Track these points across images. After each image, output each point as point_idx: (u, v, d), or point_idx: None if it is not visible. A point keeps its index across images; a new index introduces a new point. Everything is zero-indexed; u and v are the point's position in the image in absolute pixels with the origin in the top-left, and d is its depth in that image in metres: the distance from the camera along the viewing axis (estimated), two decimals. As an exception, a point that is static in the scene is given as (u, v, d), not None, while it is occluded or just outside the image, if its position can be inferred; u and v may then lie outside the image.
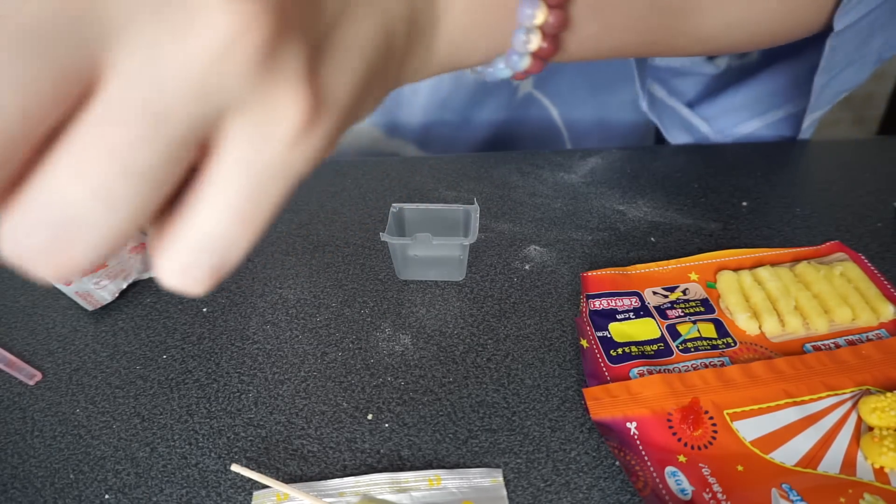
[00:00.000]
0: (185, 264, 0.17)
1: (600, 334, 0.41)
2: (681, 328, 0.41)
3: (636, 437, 0.35)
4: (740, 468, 0.33)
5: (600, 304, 0.43)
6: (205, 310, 0.45)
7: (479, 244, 0.49)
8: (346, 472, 0.35)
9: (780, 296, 0.42)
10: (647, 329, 0.41)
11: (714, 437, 0.34)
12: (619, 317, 0.42)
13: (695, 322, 0.41)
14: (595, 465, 0.35)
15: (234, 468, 0.34)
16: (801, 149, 0.59)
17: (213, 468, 0.35)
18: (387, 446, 0.36)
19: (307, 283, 0.47)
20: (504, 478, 0.34)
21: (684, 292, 0.44)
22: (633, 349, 0.40)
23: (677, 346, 0.40)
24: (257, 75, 0.16)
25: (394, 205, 0.47)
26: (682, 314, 0.42)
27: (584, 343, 0.41)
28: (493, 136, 0.65)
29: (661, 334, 0.41)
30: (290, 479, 0.35)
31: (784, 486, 0.32)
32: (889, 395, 0.35)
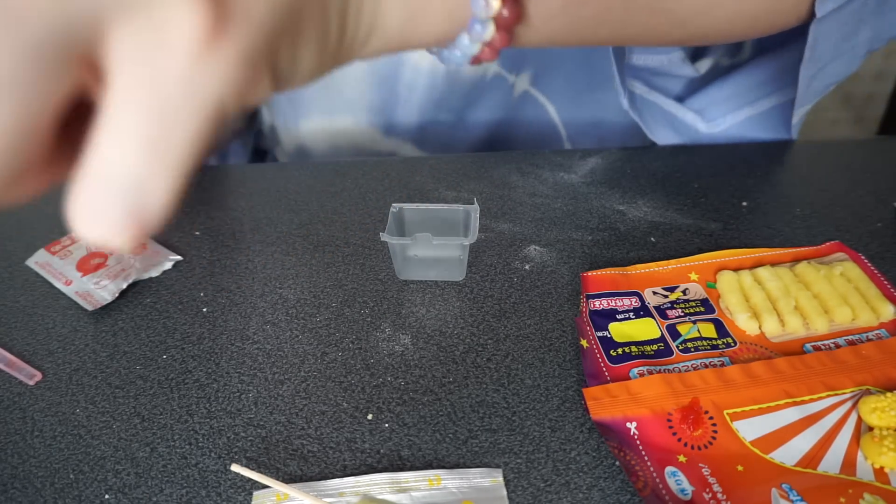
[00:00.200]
0: (98, 209, 0.16)
1: (600, 334, 0.41)
2: (681, 328, 0.41)
3: (636, 437, 0.35)
4: (740, 468, 0.33)
5: (600, 304, 0.43)
6: (205, 310, 0.45)
7: (479, 244, 0.49)
8: (346, 472, 0.35)
9: (780, 296, 0.42)
10: (647, 329, 0.41)
11: (714, 437, 0.34)
12: (619, 317, 0.42)
13: (695, 322, 0.41)
14: (595, 465, 0.35)
15: (234, 468, 0.34)
16: (802, 149, 0.59)
17: (213, 468, 0.35)
18: (387, 446, 0.36)
19: (307, 283, 0.47)
20: (504, 478, 0.34)
21: (684, 292, 0.44)
22: (633, 349, 0.40)
23: (677, 346, 0.40)
24: None
25: (394, 205, 0.47)
26: (682, 314, 0.42)
27: (584, 343, 0.41)
28: (490, 135, 0.65)
29: (661, 334, 0.41)
30: (290, 479, 0.35)
31: (784, 486, 0.32)
32: (889, 395, 0.35)
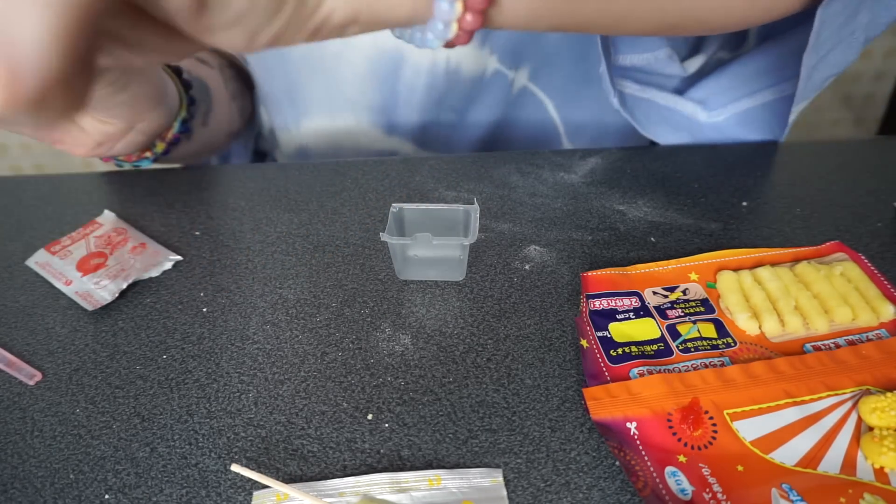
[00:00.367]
0: None
1: (600, 334, 0.41)
2: (681, 328, 0.41)
3: (636, 437, 0.35)
4: (740, 468, 0.33)
5: (600, 304, 0.43)
6: (205, 310, 0.45)
7: (479, 244, 0.49)
8: (346, 472, 0.35)
9: (780, 296, 0.42)
10: (647, 329, 0.41)
11: (714, 437, 0.34)
12: (619, 317, 0.42)
13: (695, 322, 0.41)
14: (595, 465, 0.35)
15: (234, 468, 0.34)
16: (802, 149, 0.59)
17: (213, 468, 0.35)
18: (387, 446, 0.36)
19: (307, 283, 0.47)
20: (504, 478, 0.34)
21: (684, 292, 0.44)
22: (633, 349, 0.40)
23: (677, 346, 0.40)
24: None
25: (394, 205, 0.47)
26: (682, 314, 0.42)
27: (584, 343, 0.41)
28: (491, 132, 0.65)
29: (661, 334, 0.41)
30: (290, 479, 0.35)
31: (784, 486, 0.32)
32: (889, 395, 0.35)
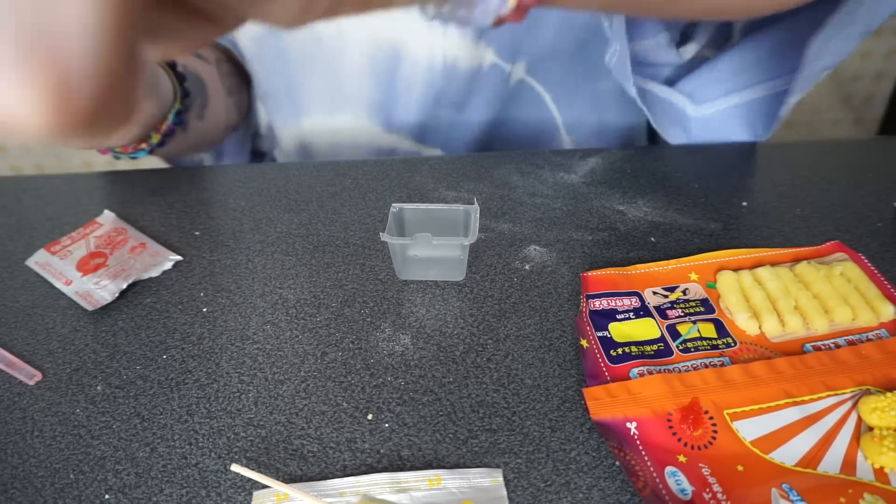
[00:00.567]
0: None
1: (600, 334, 0.41)
2: (681, 328, 0.41)
3: (636, 437, 0.35)
4: (740, 468, 0.33)
5: (600, 304, 0.43)
6: (205, 310, 0.45)
7: (479, 244, 0.49)
8: (346, 472, 0.35)
9: (780, 296, 0.42)
10: (647, 329, 0.41)
11: (714, 437, 0.34)
12: (619, 317, 0.42)
13: (695, 322, 0.41)
14: (595, 465, 0.35)
15: (234, 468, 0.34)
16: (802, 149, 0.59)
17: (213, 468, 0.35)
18: (387, 446, 0.36)
19: (307, 283, 0.47)
20: (504, 478, 0.34)
21: (684, 292, 0.44)
22: (633, 349, 0.40)
23: (677, 346, 0.40)
24: None
25: (394, 205, 0.47)
26: (682, 314, 0.42)
27: (584, 343, 0.41)
28: (490, 127, 0.65)
29: (661, 334, 0.41)
30: (290, 479, 0.35)
31: (784, 486, 0.32)
32: (889, 395, 0.35)
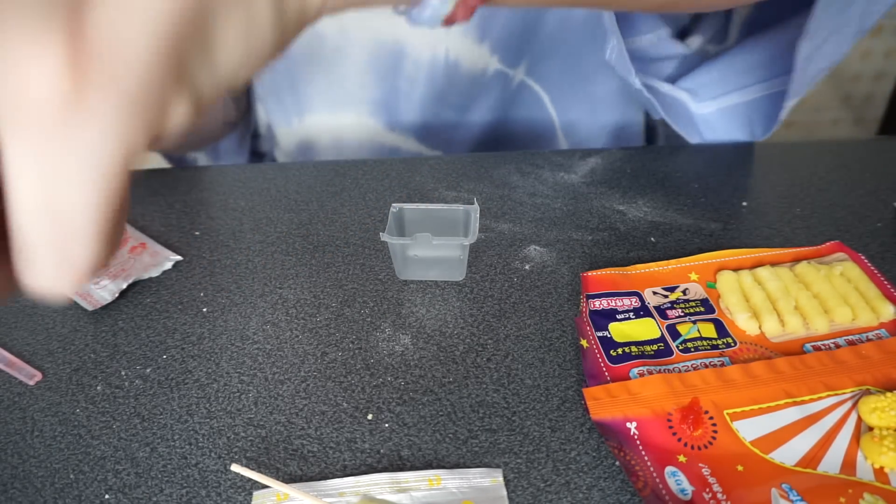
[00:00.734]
0: (30, 269, 0.15)
1: (600, 334, 0.41)
2: (681, 328, 0.41)
3: (636, 437, 0.35)
4: (740, 468, 0.33)
5: (600, 304, 0.43)
6: (205, 310, 0.45)
7: (479, 244, 0.49)
8: (346, 472, 0.35)
9: (780, 296, 0.42)
10: (647, 329, 0.41)
11: (714, 437, 0.34)
12: (619, 317, 0.42)
13: (695, 322, 0.41)
14: (595, 465, 0.35)
15: (234, 468, 0.34)
16: (802, 149, 0.59)
17: (213, 468, 0.35)
18: (387, 446, 0.36)
19: (307, 283, 0.47)
20: (504, 478, 0.34)
21: (684, 292, 0.44)
22: (633, 349, 0.40)
23: (677, 346, 0.40)
24: None
25: (394, 205, 0.47)
26: (682, 314, 0.42)
27: (584, 343, 0.41)
28: (491, 129, 0.66)
29: (661, 334, 0.41)
30: (290, 479, 0.35)
31: (784, 486, 0.32)
32: (889, 395, 0.35)
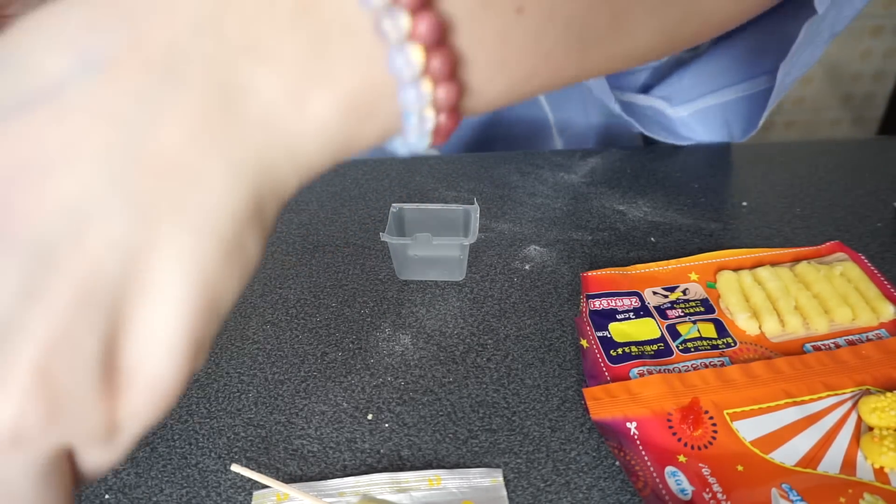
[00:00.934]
0: None
1: (600, 334, 0.41)
2: (681, 328, 0.41)
3: (636, 437, 0.35)
4: (740, 468, 0.33)
5: (600, 304, 0.43)
6: (205, 310, 0.45)
7: (479, 244, 0.49)
8: (346, 472, 0.35)
9: (780, 296, 0.42)
10: (647, 329, 0.41)
11: (714, 437, 0.34)
12: (619, 317, 0.42)
13: (695, 322, 0.41)
14: (595, 465, 0.35)
15: (234, 468, 0.34)
16: (802, 149, 0.59)
17: (213, 468, 0.35)
18: (387, 446, 0.36)
19: (307, 283, 0.47)
20: (504, 478, 0.34)
21: (684, 292, 0.44)
22: (633, 349, 0.40)
23: (677, 346, 0.40)
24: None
25: (394, 205, 0.47)
26: (682, 314, 0.42)
27: (584, 343, 0.41)
28: (485, 126, 0.66)
29: (661, 334, 0.41)
30: (290, 479, 0.35)
31: (784, 486, 0.32)
32: (889, 395, 0.35)
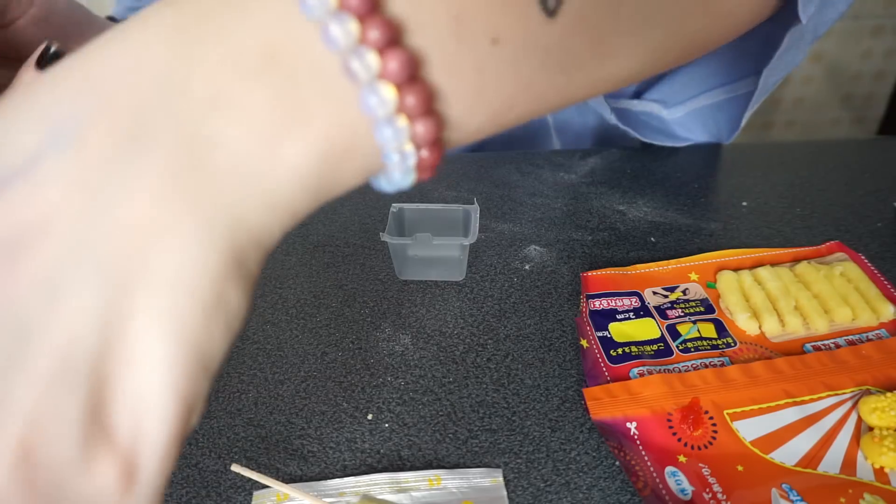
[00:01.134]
0: None
1: (600, 334, 0.41)
2: (681, 328, 0.41)
3: (636, 437, 0.35)
4: (740, 468, 0.33)
5: (600, 304, 0.43)
6: (205, 310, 0.45)
7: (479, 244, 0.49)
8: (346, 472, 0.35)
9: (780, 296, 0.42)
10: (647, 329, 0.41)
11: (714, 437, 0.34)
12: (619, 317, 0.42)
13: (695, 322, 0.41)
14: (595, 465, 0.35)
15: (234, 468, 0.34)
16: (802, 149, 0.59)
17: (213, 468, 0.35)
18: (387, 446, 0.36)
19: (307, 283, 0.47)
20: (504, 478, 0.34)
21: (684, 292, 0.44)
22: (633, 349, 0.40)
23: (677, 346, 0.40)
24: None
25: (394, 205, 0.47)
26: (682, 314, 0.42)
27: (584, 343, 0.41)
28: None
29: (661, 334, 0.41)
30: (290, 479, 0.35)
31: (784, 486, 0.32)
32: (889, 395, 0.35)
